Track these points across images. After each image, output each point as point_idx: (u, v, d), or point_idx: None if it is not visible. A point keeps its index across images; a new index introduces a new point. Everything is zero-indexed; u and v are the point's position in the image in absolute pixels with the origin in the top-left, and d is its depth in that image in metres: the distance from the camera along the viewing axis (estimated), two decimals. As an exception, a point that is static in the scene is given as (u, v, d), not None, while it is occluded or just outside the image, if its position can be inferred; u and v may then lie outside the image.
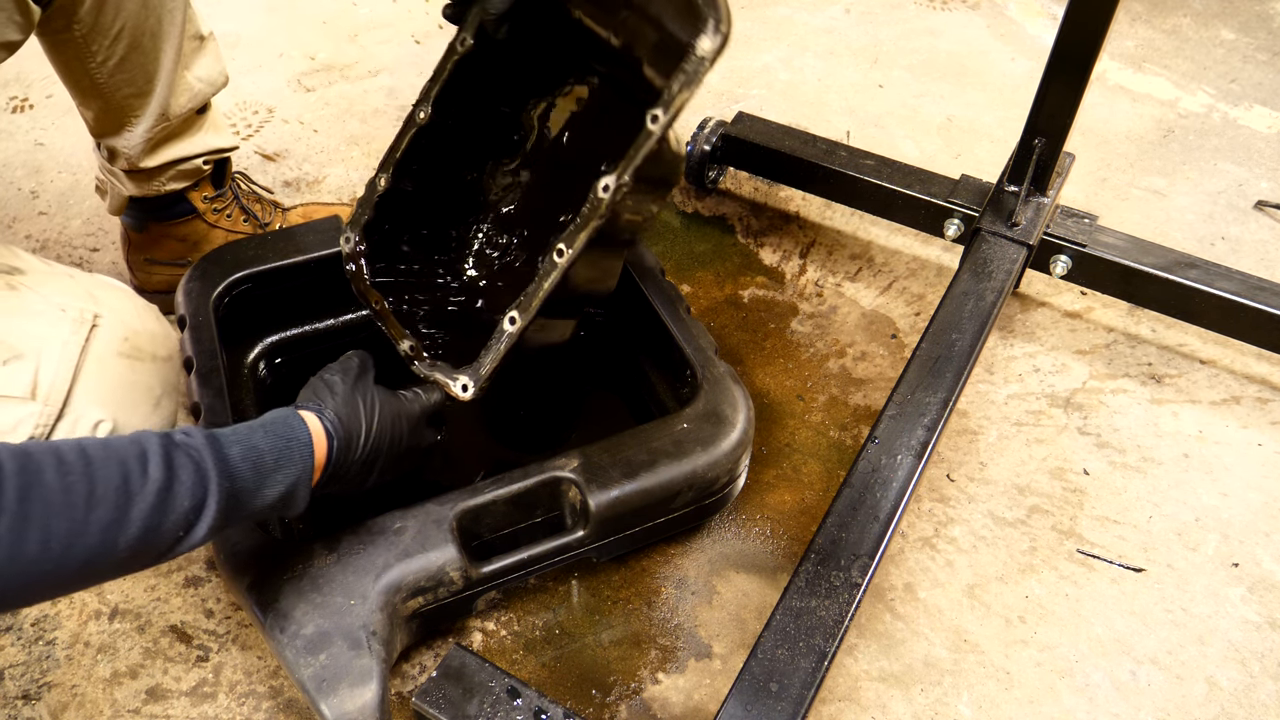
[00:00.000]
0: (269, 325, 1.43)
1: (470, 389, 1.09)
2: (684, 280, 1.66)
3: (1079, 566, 1.30)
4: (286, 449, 0.89)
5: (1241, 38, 2.20)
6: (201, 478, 0.82)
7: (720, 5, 0.92)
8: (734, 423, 1.20)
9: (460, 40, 1.14)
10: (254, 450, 0.87)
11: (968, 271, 1.43)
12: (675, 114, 0.96)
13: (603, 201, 0.99)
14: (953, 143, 1.93)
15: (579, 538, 1.15)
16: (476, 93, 1.19)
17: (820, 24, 2.23)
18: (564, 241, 1.03)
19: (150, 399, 0.93)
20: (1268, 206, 1.80)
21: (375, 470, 1.02)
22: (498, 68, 1.18)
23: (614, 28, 1.11)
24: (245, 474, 0.85)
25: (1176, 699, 1.18)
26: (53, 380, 0.86)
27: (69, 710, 1.15)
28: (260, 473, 0.87)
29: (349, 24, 2.22)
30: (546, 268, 1.04)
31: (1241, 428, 1.46)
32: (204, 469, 0.82)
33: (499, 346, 1.07)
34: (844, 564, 1.10)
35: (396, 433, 1.03)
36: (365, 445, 0.98)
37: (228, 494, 0.83)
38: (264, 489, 0.87)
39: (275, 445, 0.88)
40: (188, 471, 0.81)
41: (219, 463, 0.83)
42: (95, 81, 1.33)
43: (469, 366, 1.09)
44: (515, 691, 1.01)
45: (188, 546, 0.82)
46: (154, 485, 0.78)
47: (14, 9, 1.10)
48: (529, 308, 1.05)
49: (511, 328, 1.06)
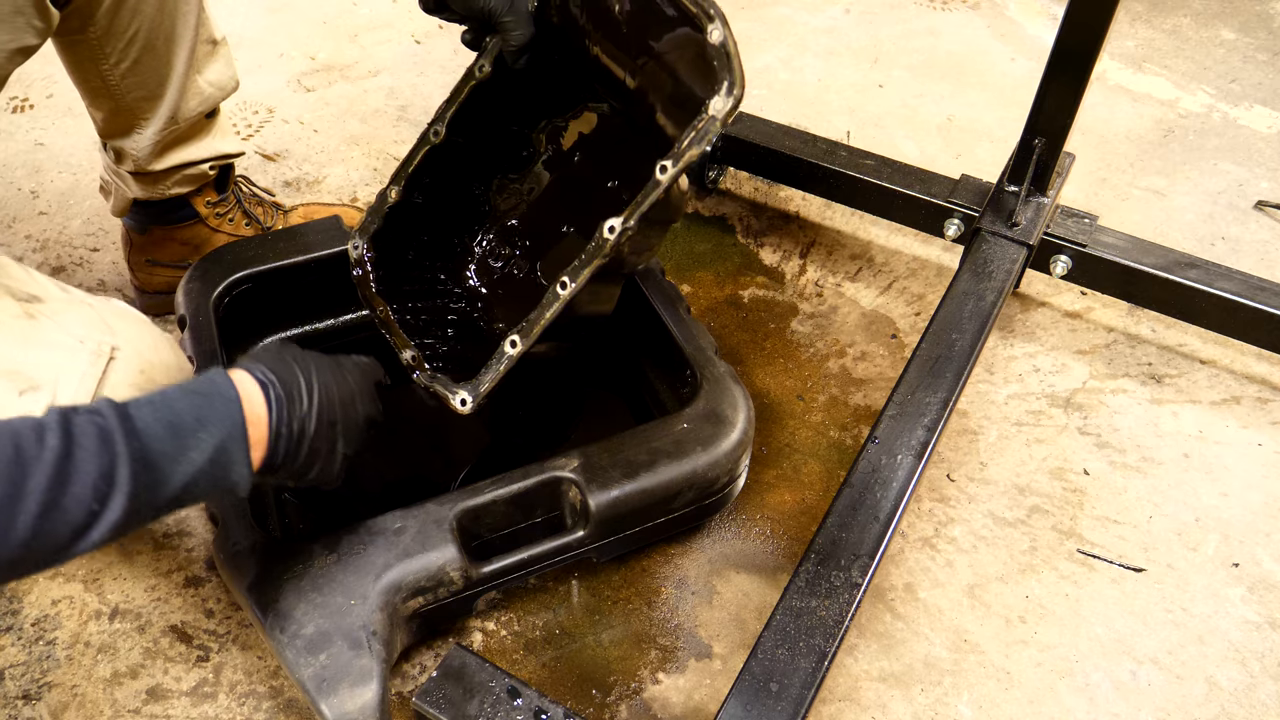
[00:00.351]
0: (269, 325, 1.43)
1: (468, 403, 1.11)
2: (684, 280, 1.66)
3: (1079, 566, 1.30)
4: (207, 404, 0.81)
5: (1241, 38, 2.20)
6: (106, 443, 0.73)
7: (736, 69, 0.98)
8: (734, 423, 1.20)
9: (479, 67, 1.17)
10: (168, 410, 0.79)
11: (968, 271, 1.43)
12: (683, 167, 1.01)
13: (608, 241, 1.04)
14: (953, 143, 1.93)
15: (579, 538, 1.15)
16: (490, 114, 1.21)
17: (820, 24, 2.23)
18: (568, 275, 1.06)
19: None
20: (1268, 206, 1.80)
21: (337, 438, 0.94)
22: (512, 91, 1.21)
23: (631, 70, 1.14)
24: (159, 435, 0.77)
25: (1176, 699, 1.18)
26: None
27: (69, 710, 1.15)
28: (178, 433, 0.78)
29: (349, 24, 2.22)
30: (549, 298, 1.07)
31: (1241, 428, 1.46)
32: (108, 432, 0.74)
33: (498, 367, 1.10)
34: (844, 564, 1.10)
35: (345, 392, 0.95)
36: (310, 400, 0.90)
37: (141, 460, 0.75)
38: (186, 453, 0.79)
39: (194, 403, 0.80)
40: (90, 437, 0.73)
41: (124, 422, 0.75)
42: (107, 83, 1.33)
43: (468, 382, 1.11)
44: (515, 691, 1.01)
45: (105, 528, 0.74)
46: (51, 454, 0.70)
47: (34, 13, 1.10)
48: (530, 334, 1.09)
49: (512, 350, 1.09)
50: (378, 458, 1.06)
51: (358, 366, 1.00)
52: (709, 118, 0.99)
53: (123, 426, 0.75)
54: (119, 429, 0.74)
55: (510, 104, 1.22)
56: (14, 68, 1.14)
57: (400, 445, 1.15)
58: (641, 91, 1.14)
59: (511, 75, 1.19)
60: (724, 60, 0.99)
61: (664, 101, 1.11)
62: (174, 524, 1.32)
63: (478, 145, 1.23)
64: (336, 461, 0.96)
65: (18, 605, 1.24)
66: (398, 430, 1.12)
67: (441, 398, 1.13)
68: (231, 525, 1.09)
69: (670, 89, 1.10)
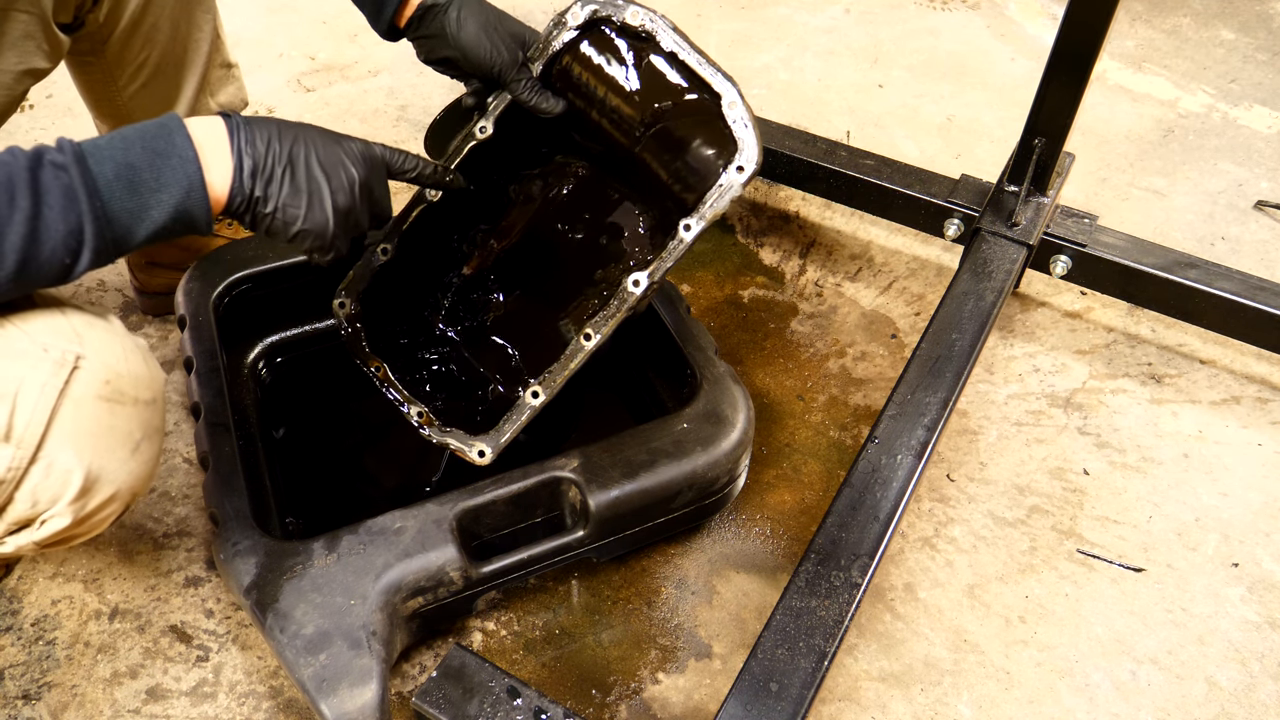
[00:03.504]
0: (269, 325, 1.43)
1: (488, 455, 1.14)
2: (684, 280, 1.66)
3: (1079, 566, 1.30)
4: (165, 165, 0.85)
5: (1241, 38, 2.20)
6: (72, 201, 0.80)
7: (752, 139, 1.07)
8: (734, 423, 1.20)
9: (480, 129, 1.19)
10: (129, 168, 0.84)
11: (968, 271, 1.43)
12: (707, 225, 1.09)
13: (633, 295, 1.11)
14: (953, 143, 1.93)
15: (579, 538, 1.15)
16: (481, 169, 1.22)
17: (820, 24, 2.23)
18: (592, 328, 1.12)
19: (129, 443, 0.91)
20: (1268, 206, 1.80)
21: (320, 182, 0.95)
22: (504, 150, 1.22)
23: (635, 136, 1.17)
24: (120, 194, 0.83)
25: (1176, 699, 1.18)
26: (27, 422, 0.84)
27: (69, 710, 1.15)
28: (137, 192, 0.84)
29: (349, 24, 2.22)
30: (574, 349, 1.13)
31: (1241, 428, 1.46)
32: (73, 190, 0.81)
33: (519, 419, 1.13)
34: (844, 564, 1.10)
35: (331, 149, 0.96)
36: (282, 137, 0.93)
37: (104, 217, 0.82)
38: (147, 211, 0.85)
39: (152, 162, 0.85)
40: (56, 195, 0.80)
41: (88, 183, 0.81)
42: (115, 104, 1.34)
43: (486, 435, 1.14)
44: (515, 691, 1.01)
45: (82, 270, 0.83)
46: (22, 215, 0.78)
47: (43, 38, 1.11)
48: (554, 385, 1.13)
49: (535, 401, 1.13)
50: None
51: (360, 141, 1.01)
52: (729, 184, 1.07)
53: (85, 185, 0.81)
54: (82, 187, 0.81)
55: (500, 159, 1.24)
56: (24, 89, 1.14)
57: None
58: (643, 154, 1.17)
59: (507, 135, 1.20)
60: (742, 129, 1.07)
61: (669, 164, 1.15)
62: (174, 524, 1.32)
63: (465, 199, 1.24)
64: (325, 212, 0.95)
65: (18, 605, 1.24)
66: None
67: (456, 451, 1.15)
68: (231, 525, 1.09)
69: (676, 153, 1.14)
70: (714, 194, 1.08)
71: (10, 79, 1.11)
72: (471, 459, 1.13)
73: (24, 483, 0.85)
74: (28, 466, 0.85)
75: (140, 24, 1.27)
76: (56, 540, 0.92)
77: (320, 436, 1.39)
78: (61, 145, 0.83)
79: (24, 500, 0.87)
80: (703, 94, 1.10)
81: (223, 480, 1.14)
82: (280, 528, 1.22)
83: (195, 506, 1.34)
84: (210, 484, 1.14)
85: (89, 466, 0.88)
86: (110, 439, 0.89)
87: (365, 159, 0.99)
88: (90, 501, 0.90)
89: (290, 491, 1.28)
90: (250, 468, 1.19)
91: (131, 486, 0.93)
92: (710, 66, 1.09)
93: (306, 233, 0.95)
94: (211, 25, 1.37)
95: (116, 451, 0.90)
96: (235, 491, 1.12)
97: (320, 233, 0.96)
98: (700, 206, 1.08)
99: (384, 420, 1.40)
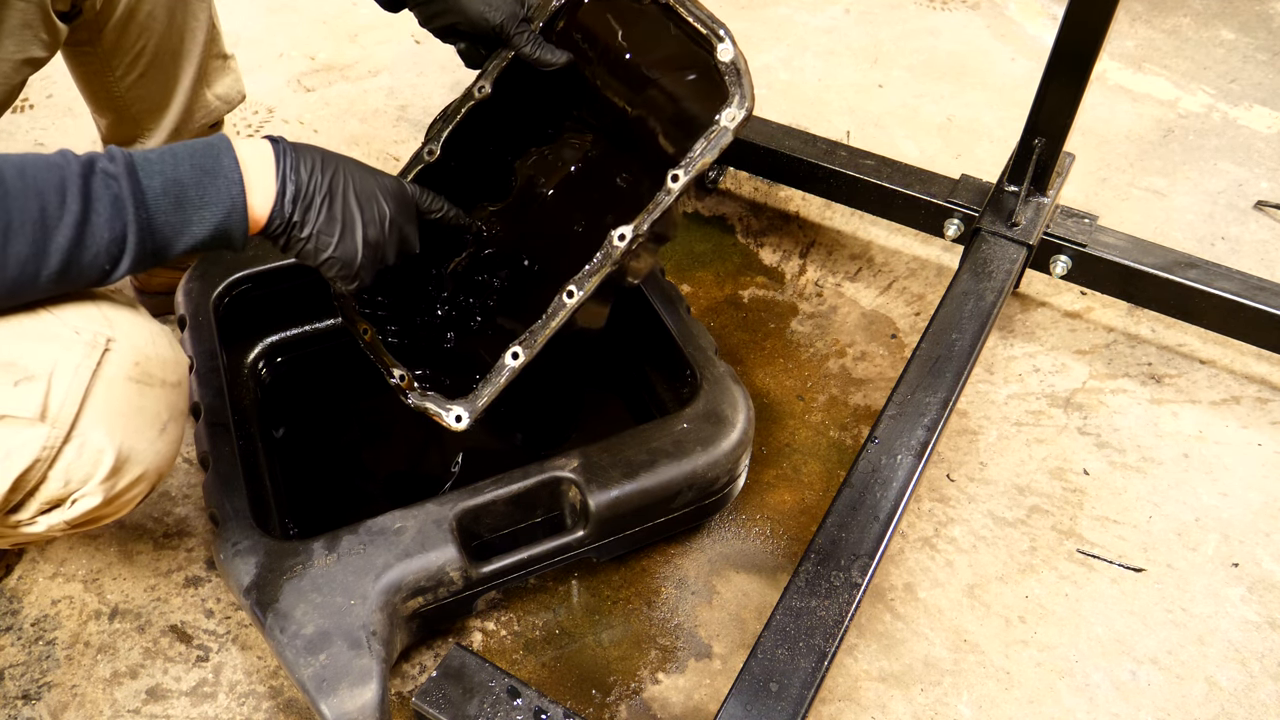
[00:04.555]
0: (269, 325, 1.43)
1: (464, 420, 1.09)
2: (684, 280, 1.66)
3: (1079, 566, 1.30)
4: (211, 184, 0.88)
5: (1241, 38, 2.20)
6: (119, 210, 0.82)
7: (746, 84, 1.04)
8: (734, 423, 1.20)
9: (478, 88, 1.17)
10: (176, 185, 0.86)
11: (968, 271, 1.43)
12: (695, 176, 1.05)
13: (618, 249, 1.07)
14: (953, 143, 1.93)
15: (579, 538, 1.15)
16: (481, 138, 1.21)
17: (820, 24, 2.23)
18: (574, 284, 1.08)
19: (157, 424, 0.93)
20: (1268, 206, 1.80)
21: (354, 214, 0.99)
22: (504, 116, 1.21)
23: (632, 92, 1.16)
24: (166, 209, 0.85)
25: (1176, 699, 1.18)
26: (62, 402, 0.85)
27: (69, 710, 1.15)
28: (183, 208, 0.86)
29: (349, 24, 2.22)
30: (555, 307, 1.08)
31: (1241, 428, 1.46)
32: (121, 201, 0.82)
33: (498, 380, 1.09)
34: (844, 564, 1.10)
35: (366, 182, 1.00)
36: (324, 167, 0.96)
37: (148, 228, 0.84)
38: (189, 227, 0.87)
39: (199, 180, 0.87)
40: (104, 203, 0.82)
41: (136, 194, 0.83)
42: (112, 94, 1.34)
43: (464, 399, 1.10)
44: (515, 691, 1.01)
45: (119, 276, 0.85)
46: (71, 218, 0.80)
47: (41, 26, 1.11)
48: (534, 344, 1.09)
49: (514, 363, 1.09)
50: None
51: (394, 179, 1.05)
52: (721, 128, 1.04)
53: (134, 196, 0.83)
54: (130, 198, 0.83)
55: (500, 128, 1.22)
56: (22, 78, 1.15)
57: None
58: (642, 114, 1.16)
59: (505, 100, 1.19)
60: (735, 76, 1.05)
61: (667, 121, 1.13)
62: (174, 524, 1.32)
63: (466, 169, 1.23)
64: (356, 243, 0.99)
65: (18, 605, 1.24)
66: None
67: (434, 416, 1.10)
68: (231, 525, 1.09)
69: (673, 109, 1.13)
70: (701, 144, 1.05)
71: (9, 68, 1.11)
72: (448, 424, 1.09)
73: (58, 462, 0.86)
74: (61, 446, 0.86)
75: (136, 12, 1.27)
76: (86, 520, 0.93)
77: (320, 436, 1.39)
78: (113, 155, 0.85)
79: (57, 479, 0.88)
80: (698, 45, 1.08)
81: (223, 480, 1.14)
82: (280, 528, 1.22)
83: (195, 506, 1.34)
84: (210, 484, 1.14)
85: (120, 446, 0.89)
86: (140, 419, 0.91)
87: (398, 196, 1.04)
88: (120, 481, 0.91)
89: (290, 491, 1.28)
90: (250, 468, 1.19)
91: (159, 467, 0.95)
92: (704, 16, 1.07)
93: (335, 260, 0.99)
94: (207, 15, 1.37)
95: (145, 432, 0.92)
96: (235, 491, 1.13)
97: (349, 262, 1.00)
98: (688, 156, 1.05)
99: (384, 420, 1.40)
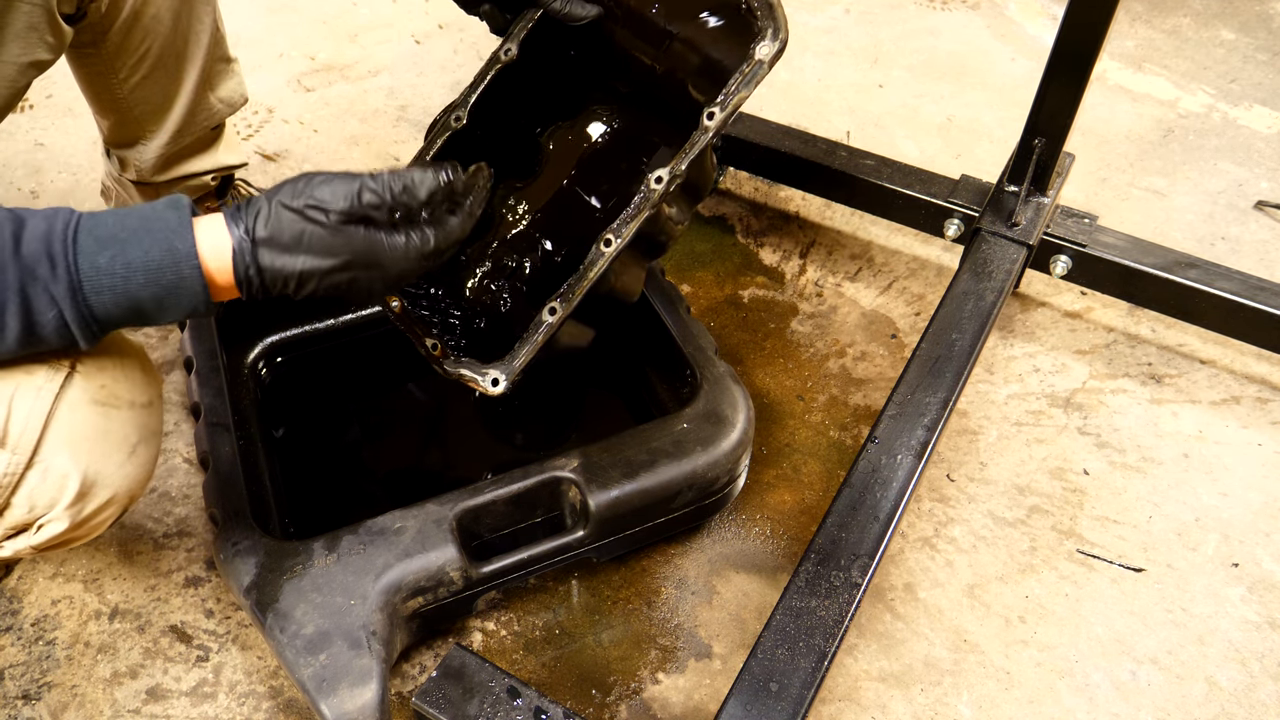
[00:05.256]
0: (269, 325, 1.43)
1: (502, 382, 1.06)
2: (684, 280, 1.66)
3: (1079, 566, 1.30)
4: (172, 296, 0.80)
5: (1241, 38, 2.20)
6: (63, 331, 0.79)
7: (780, 16, 1.01)
8: (734, 423, 1.20)
9: (505, 50, 1.15)
10: (130, 301, 0.79)
11: (968, 271, 1.43)
12: (731, 112, 1.02)
13: (656, 192, 1.04)
14: (953, 143, 1.93)
15: (579, 538, 1.15)
16: (508, 106, 1.19)
17: (820, 24, 2.23)
18: (612, 232, 1.05)
19: (125, 447, 0.91)
20: (1268, 206, 1.80)
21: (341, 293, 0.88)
22: (530, 84, 1.19)
23: (659, 46, 1.14)
24: (118, 319, 0.80)
25: (1176, 699, 1.18)
26: (23, 428, 0.84)
27: (69, 710, 1.15)
28: (141, 317, 0.81)
29: (349, 24, 2.22)
30: (593, 256, 1.06)
31: (1241, 428, 1.46)
32: (66, 326, 0.78)
33: (536, 338, 1.06)
34: (844, 564, 1.10)
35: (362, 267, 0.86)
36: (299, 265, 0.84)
37: (100, 331, 0.81)
38: (145, 325, 0.83)
39: (157, 295, 0.80)
40: (48, 320, 0.77)
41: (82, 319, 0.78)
42: (115, 96, 1.34)
43: (500, 361, 1.07)
44: (515, 691, 1.01)
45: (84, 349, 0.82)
46: (11, 337, 0.77)
47: (46, 29, 1.11)
48: (571, 298, 1.06)
49: (551, 318, 1.06)
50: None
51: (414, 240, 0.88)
52: (757, 61, 1.01)
53: (80, 321, 0.78)
54: (76, 323, 0.78)
55: (527, 97, 1.20)
56: (27, 81, 1.14)
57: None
58: (672, 68, 1.13)
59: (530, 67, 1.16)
60: (766, 9, 1.02)
61: (693, 73, 1.11)
62: (174, 524, 1.32)
63: (493, 142, 1.20)
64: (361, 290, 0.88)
65: (18, 605, 1.24)
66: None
67: (469, 381, 1.07)
68: (231, 525, 1.09)
69: (700, 59, 1.10)
70: (737, 78, 1.02)
71: (14, 71, 1.11)
72: (485, 388, 1.06)
73: (20, 487, 0.85)
74: (24, 471, 0.85)
75: (141, 15, 1.27)
76: (54, 544, 0.92)
77: (320, 436, 1.39)
78: (54, 258, 0.76)
79: (21, 505, 0.87)
80: None
81: (223, 480, 1.14)
82: (280, 528, 1.22)
83: (195, 506, 1.34)
84: (210, 484, 1.14)
85: (85, 470, 0.88)
86: (106, 443, 0.89)
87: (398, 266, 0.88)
88: (87, 505, 0.90)
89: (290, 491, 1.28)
90: (250, 468, 1.19)
91: (129, 490, 0.93)
92: None
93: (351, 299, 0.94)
94: (212, 18, 1.37)
95: (113, 455, 0.90)
96: (235, 491, 1.13)
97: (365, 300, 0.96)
98: (724, 92, 1.02)
99: (384, 420, 1.40)
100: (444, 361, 1.10)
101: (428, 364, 1.12)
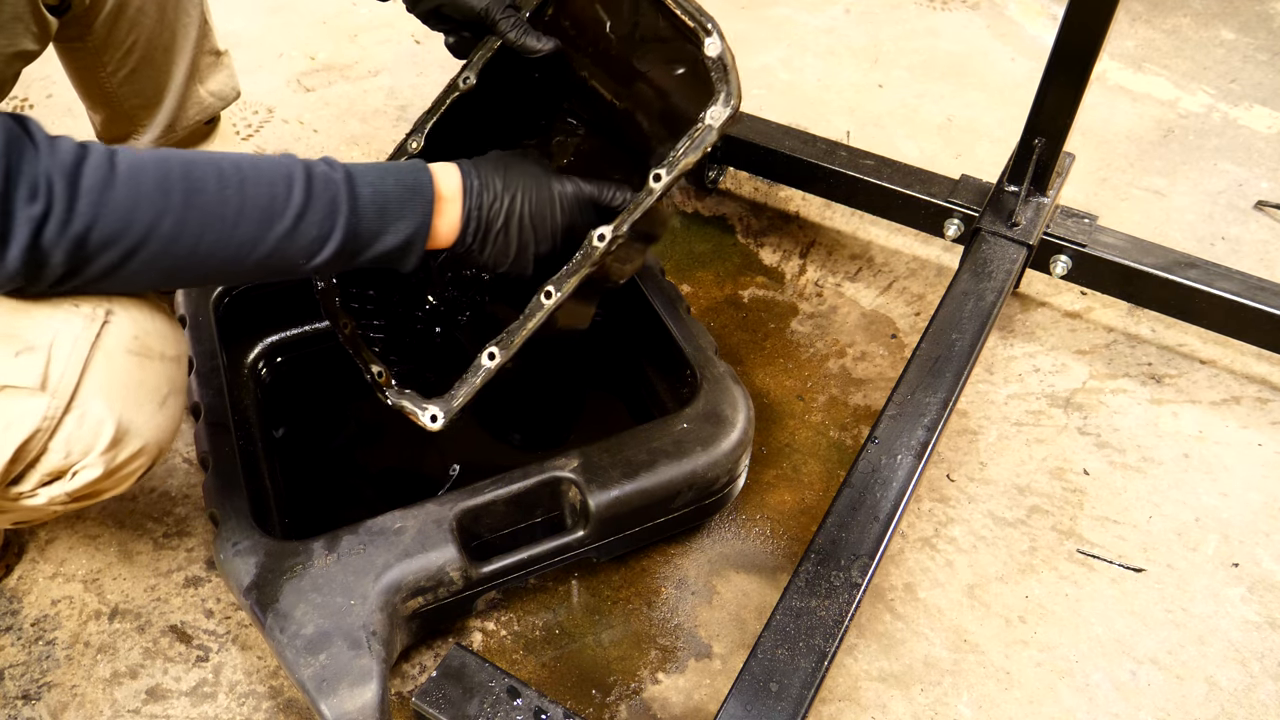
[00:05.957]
0: (269, 325, 1.43)
1: (440, 420, 1.07)
2: (684, 280, 1.66)
3: (1079, 566, 1.30)
4: (411, 199, 0.95)
5: (1241, 38, 2.20)
6: (333, 210, 0.90)
7: (733, 81, 1.00)
8: (734, 423, 1.20)
9: (463, 79, 1.17)
10: (383, 196, 0.93)
11: (968, 271, 1.43)
12: (678, 176, 1.02)
13: (597, 250, 1.04)
14: (953, 143, 1.93)
15: (579, 538, 1.15)
16: (466, 129, 1.20)
17: (820, 24, 2.23)
18: (553, 284, 1.05)
19: (156, 397, 0.93)
20: (1268, 206, 1.80)
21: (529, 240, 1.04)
22: (490, 108, 1.20)
23: (620, 86, 1.14)
24: (370, 216, 0.92)
25: (1176, 699, 1.18)
26: (63, 373, 0.86)
27: (69, 710, 1.15)
28: (384, 217, 0.93)
29: (349, 24, 2.22)
30: (533, 308, 1.06)
31: (1241, 428, 1.46)
32: (337, 203, 0.90)
33: (474, 381, 1.07)
34: (844, 564, 1.10)
35: (541, 200, 1.03)
36: (504, 200, 1.01)
37: (351, 232, 0.91)
38: (384, 235, 0.94)
39: (402, 195, 0.95)
40: (322, 202, 0.89)
41: (350, 199, 0.91)
42: (105, 90, 1.34)
43: (440, 398, 1.08)
44: (515, 691, 1.01)
45: (305, 274, 0.93)
46: (293, 211, 0.88)
47: (31, 20, 1.11)
48: (510, 345, 1.06)
49: (489, 363, 1.06)
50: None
51: (568, 186, 1.06)
52: (705, 126, 1.01)
53: (348, 200, 0.91)
54: (345, 201, 0.91)
55: (486, 120, 1.21)
56: (15, 71, 1.15)
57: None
58: (630, 107, 1.14)
59: (491, 92, 1.17)
60: (721, 72, 1.01)
61: (654, 117, 1.12)
62: (174, 524, 1.32)
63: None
64: (527, 260, 1.05)
65: (18, 605, 1.24)
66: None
67: (409, 414, 1.09)
68: (231, 525, 1.09)
69: (661, 104, 1.11)
70: (685, 143, 1.01)
71: (0, 61, 1.11)
72: (424, 424, 1.08)
73: (59, 432, 0.87)
74: (62, 416, 0.87)
75: (126, 7, 1.27)
76: (86, 493, 0.93)
77: (321, 436, 1.39)
78: (331, 162, 0.92)
79: (58, 450, 0.88)
80: (686, 39, 1.04)
81: (223, 480, 1.14)
82: (280, 528, 1.22)
83: (195, 506, 1.34)
84: (210, 484, 1.14)
85: (120, 418, 0.89)
86: (140, 392, 0.91)
87: (572, 208, 1.06)
88: (120, 453, 0.91)
89: (290, 491, 1.28)
90: (250, 468, 1.19)
91: (159, 440, 0.95)
92: (692, 9, 1.03)
93: (507, 273, 1.06)
94: (198, 11, 1.37)
95: (145, 405, 0.92)
96: (235, 491, 1.13)
97: (520, 273, 1.06)
98: (672, 155, 1.02)
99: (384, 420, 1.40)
100: (387, 391, 1.12)
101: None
